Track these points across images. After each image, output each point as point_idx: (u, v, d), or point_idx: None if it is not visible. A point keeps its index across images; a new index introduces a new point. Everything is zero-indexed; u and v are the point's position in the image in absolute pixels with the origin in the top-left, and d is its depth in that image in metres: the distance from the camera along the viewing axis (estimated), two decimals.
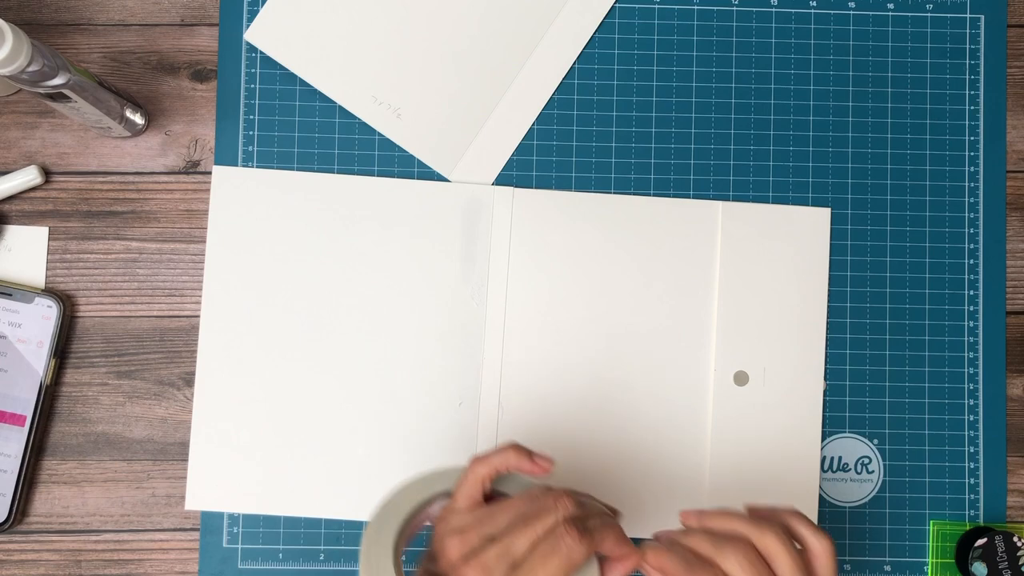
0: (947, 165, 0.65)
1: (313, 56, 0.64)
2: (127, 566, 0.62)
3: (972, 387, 0.64)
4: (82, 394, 0.63)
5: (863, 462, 0.63)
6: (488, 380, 0.63)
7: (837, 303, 0.64)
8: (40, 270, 0.63)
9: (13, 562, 0.62)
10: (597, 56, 0.65)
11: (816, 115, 0.65)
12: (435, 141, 0.64)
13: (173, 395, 0.63)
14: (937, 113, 0.65)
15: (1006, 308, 0.65)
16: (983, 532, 0.61)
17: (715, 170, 0.65)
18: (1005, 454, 0.64)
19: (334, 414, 0.62)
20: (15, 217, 0.63)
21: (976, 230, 0.65)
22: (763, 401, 0.63)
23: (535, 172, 0.64)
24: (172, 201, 0.64)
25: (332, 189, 0.63)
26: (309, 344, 0.63)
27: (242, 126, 0.64)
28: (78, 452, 0.63)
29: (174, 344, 0.63)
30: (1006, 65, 0.65)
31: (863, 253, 0.64)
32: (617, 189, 0.64)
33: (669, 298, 0.63)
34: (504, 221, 0.63)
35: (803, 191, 0.65)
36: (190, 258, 0.64)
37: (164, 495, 0.63)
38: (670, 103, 0.65)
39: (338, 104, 0.64)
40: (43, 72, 0.51)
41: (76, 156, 0.64)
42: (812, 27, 0.65)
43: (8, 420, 0.61)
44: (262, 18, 0.64)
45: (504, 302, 0.63)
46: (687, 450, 0.63)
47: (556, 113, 0.65)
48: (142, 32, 0.64)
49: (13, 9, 0.64)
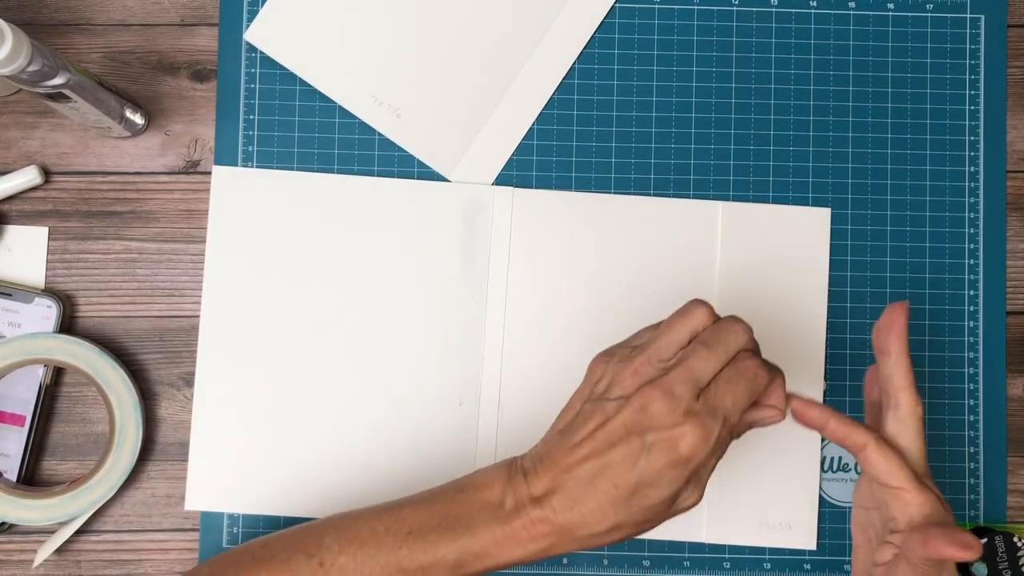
0: (947, 165, 0.65)
1: (313, 56, 0.64)
2: (126, 566, 0.62)
3: (972, 387, 0.64)
4: (82, 394, 0.63)
5: None
6: (488, 380, 0.63)
7: (837, 303, 0.64)
8: (40, 270, 0.63)
9: (13, 562, 0.62)
10: (597, 56, 0.65)
11: (816, 115, 0.65)
12: (435, 141, 0.64)
13: (173, 395, 0.63)
14: (937, 113, 0.65)
15: (1006, 308, 0.65)
16: (983, 532, 0.61)
17: (715, 170, 0.65)
18: (1005, 454, 0.64)
19: (334, 414, 0.62)
20: (15, 217, 0.63)
21: (976, 230, 0.65)
22: None
23: (535, 172, 0.64)
24: (172, 201, 0.64)
25: (332, 189, 0.63)
26: (309, 344, 0.63)
27: (242, 126, 0.64)
28: (78, 452, 0.63)
29: (174, 344, 0.63)
30: (1006, 65, 0.65)
31: (863, 253, 0.64)
32: (617, 189, 0.64)
33: (669, 298, 0.63)
34: (504, 221, 0.63)
35: (803, 191, 0.65)
36: (190, 258, 0.64)
37: (164, 495, 0.63)
38: (670, 103, 0.65)
39: (338, 104, 0.64)
40: (43, 72, 0.51)
41: (76, 156, 0.64)
42: (812, 27, 0.65)
43: (8, 420, 0.61)
44: (262, 18, 0.64)
45: (504, 302, 0.63)
46: None
47: (556, 113, 0.65)
48: (142, 32, 0.64)
49: (13, 9, 0.64)
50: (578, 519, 0.45)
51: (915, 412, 0.47)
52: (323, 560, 0.47)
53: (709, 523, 0.62)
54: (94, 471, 0.60)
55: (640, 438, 0.45)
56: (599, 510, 0.45)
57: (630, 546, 0.63)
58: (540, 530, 0.45)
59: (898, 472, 0.46)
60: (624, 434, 0.45)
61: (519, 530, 0.46)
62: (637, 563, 0.63)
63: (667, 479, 0.44)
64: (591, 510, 0.45)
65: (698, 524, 0.62)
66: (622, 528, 0.45)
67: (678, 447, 0.44)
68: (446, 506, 0.48)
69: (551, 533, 0.46)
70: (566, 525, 0.45)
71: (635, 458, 0.44)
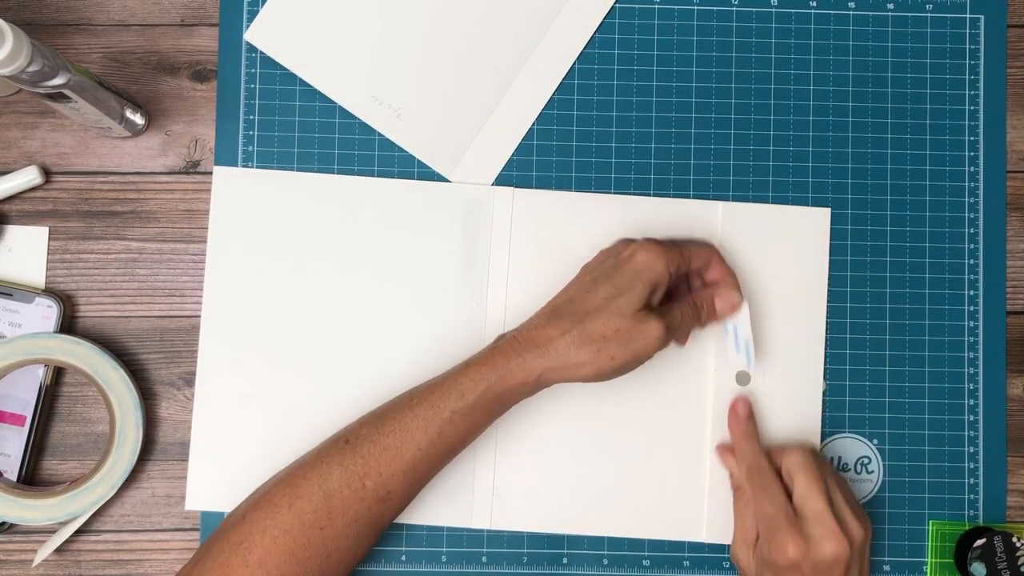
0: (947, 165, 0.65)
1: (313, 56, 0.64)
2: (127, 566, 0.62)
3: (972, 387, 0.64)
4: (82, 394, 0.63)
5: (863, 462, 0.63)
6: None
7: (837, 303, 0.64)
8: (40, 270, 0.63)
9: (13, 562, 0.62)
10: (597, 56, 0.65)
11: (816, 115, 0.65)
12: (435, 141, 0.64)
13: (173, 395, 0.63)
14: (937, 113, 0.65)
15: (1006, 308, 0.65)
16: (982, 532, 0.61)
17: (715, 170, 0.65)
18: (1005, 454, 0.64)
19: (334, 414, 0.62)
20: (15, 217, 0.63)
21: (976, 230, 0.65)
22: (763, 402, 0.63)
23: (535, 172, 0.64)
24: (172, 201, 0.64)
25: (332, 189, 0.63)
26: (309, 344, 0.63)
27: (242, 126, 0.64)
28: (78, 452, 0.63)
29: (174, 344, 0.63)
30: (1006, 65, 0.65)
31: (863, 253, 0.64)
32: (617, 189, 0.64)
33: None
34: (504, 221, 0.63)
35: (803, 191, 0.65)
36: (190, 258, 0.64)
37: (164, 495, 0.63)
38: (670, 103, 0.65)
39: (338, 104, 0.64)
40: (43, 72, 0.51)
41: (76, 156, 0.64)
42: (812, 27, 0.65)
43: (8, 420, 0.61)
44: (262, 18, 0.64)
45: (504, 302, 0.63)
46: (687, 450, 0.63)
47: (556, 113, 0.65)
48: (142, 32, 0.64)
49: (13, 9, 0.64)
50: (556, 327, 0.55)
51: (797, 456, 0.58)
52: (348, 438, 0.55)
53: (709, 523, 0.62)
54: (94, 471, 0.60)
55: (607, 260, 0.58)
56: (572, 314, 0.55)
57: (630, 546, 0.63)
58: (521, 344, 0.55)
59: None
60: (596, 262, 0.59)
61: (504, 348, 0.55)
62: (637, 563, 0.63)
63: (627, 282, 0.55)
64: (567, 318, 0.55)
65: (698, 524, 0.63)
66: (588, 330, 0.55)
67: (636, 255, 0.56)
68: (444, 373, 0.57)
69: (530, 344, 0.55)
70: (545, 334, 0.55)
71: (605, 271, 0.57)
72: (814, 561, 0.53)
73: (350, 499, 0.53)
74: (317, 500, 0.53)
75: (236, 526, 0.53)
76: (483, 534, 0.63)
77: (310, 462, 0.55)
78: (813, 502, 0.54)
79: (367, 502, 0.54)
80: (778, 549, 0.54)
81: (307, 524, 0.53)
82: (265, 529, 0.52)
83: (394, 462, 0.54)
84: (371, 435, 0.55)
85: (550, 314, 0.56)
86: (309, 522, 0.53)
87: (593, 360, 0.55)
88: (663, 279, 0.56)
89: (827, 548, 0.53)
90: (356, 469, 0.54)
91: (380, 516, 0.55)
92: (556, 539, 0.63)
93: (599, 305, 0.55)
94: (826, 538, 0.53)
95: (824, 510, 0.54)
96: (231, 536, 0.53)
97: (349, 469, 0.54)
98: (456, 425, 0.55)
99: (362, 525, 0.54)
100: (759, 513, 0.56)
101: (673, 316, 0.57)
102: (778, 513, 0.55)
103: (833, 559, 0.53)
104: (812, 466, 0.56)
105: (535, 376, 0.55)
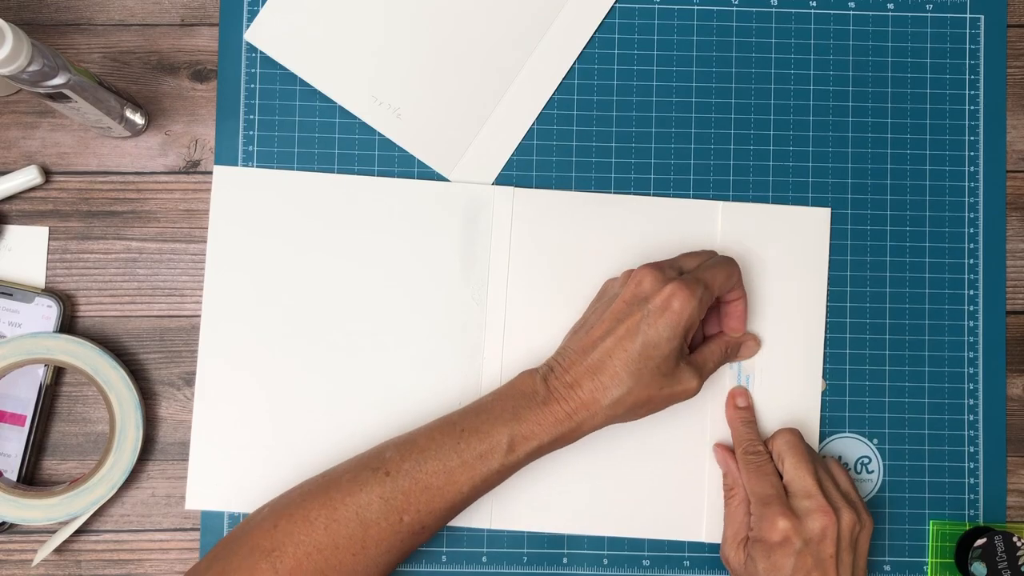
0: (947, 165, 0.65)
1: (313, 56, 0.64)
2: (127, 566, 0.62)
3: (972, 387, 0.64)
4: (82, 394, 0.63)
5: (863, 462, 0.63)
6: (488, 380, 0.63)
7: (837, 303, 0.64)
8: (40, 270, 0.63)
9: (13, 562, 0.62)
10: (597, 56, 0.65)
11: (816, 115, 0.65)
12: (435, 141, 0.64)
13: (173, 395, 0.63)
14: (937, 113, 0.65)
15: (1006, 308, 0.65)
16: (983, 532, 0.61)
17: (715, 170, 0.65)
18: (1005, 454, 0.64)
19: (334, 414, 0.62)
20: (15, 217, 0.63)
21: (976, 230, 0.65)
22: (763, 401, 0.63)
23: (535, 172, 0.64)
24: (172, 201, 0.64)
25: (332, 189, 0.63)
26: (309, 344, 0.63)
27: (242, 126, 0.64)
28: (78, 452, 0.63)
29: (174, 344, 0.63)
30: (1006, 65, 0.65)
31: (863, 253, 0.64)
32: (617, 189, 0.64)
33: None
34: (504, 221, 0.63)
35: (803, 191, 0.65)
36: (190, 258, 0.64)
37: (164, 495, 0.63)
38: (670, 103, 0.65)
39: (338, 104, 0.64)
40: (43, 72, 0.51)
41: (76, 156, 0.64)
42: (812, 27, 0.65)
43: (8, 420, 0.61)
44: (262, 18, 0.64)
45: (504, 302, 0.63)
46: (687, 450, 0.63)
47: (556, 113, 0.65)
48: (142, 32, 0.65)
49: (13, 9, 0.64)
50: (599, 388, 0.54)
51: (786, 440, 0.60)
52: (388, 470, 0.54)
53: (709, 523, 0.62)
54: (94, 471, 0.60)
55: (640, 308, 0.55)
56: (615, 375, 0.54)
57: (630, 546, 0.63)
58: (571, 406, 0.54)
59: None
60: (626, 307, 0.55)
61: (556, 410, 0.55)
62: (637, 563, 0.63)
63: (665, 337, 0.54)
64: (608, 377, 0.54)
65: (698, 524, 0.63)
66: (634, 393, 0.54)
67: (671, 304, 0.54)
68: (490, 404, 0.56)
69: (580, 407, 0.54)
70: (591, 396, 0.54)
71: (638, 323, 0.54)
72: (804, 536, 0.55)
73: (386, 531, 0.53)
74: (354, 527, 0.53)
75: (268, 533, 0.53)
76: (483, 534, 0.63)
77: (347, 486, 0.54)
78: (800, 480, 0.57)
79: (401, 535, 0.54)
80: (769, 525, 0.55)
81: (341, 548, 0.53)
82: (299, 543, 0.52)
83: (434, 501, 0.54)
84: (413, 472, 0.54)
85: (594, 371, 0.55)
86: (343, 546, 0.53)
87: (632, 416, 0.56)
88: (697, 322, 0.56)
89: (815, 521, 0.55)
90: (396, 504, 0.53)
91: (411, 547, 0.55)
92: (556, 539, 0.63)
93: (640, 367, 0.54)
94: (814, 511, 0.55)
95: (812, 485, 0.56)
96: (261, 541, 0.53)
97: (389, 504, 0.53)
98: (502, 475, 0.55)
99: (394, 555, 0.54)
100: (752, 493, 0.58)
101: (707, 368, 0.59)
102: (770, 491, 0.57)
103: (821, 532, 0.55)
104: (800, 446, 0.58)
105: (582, 437, 0.56)
